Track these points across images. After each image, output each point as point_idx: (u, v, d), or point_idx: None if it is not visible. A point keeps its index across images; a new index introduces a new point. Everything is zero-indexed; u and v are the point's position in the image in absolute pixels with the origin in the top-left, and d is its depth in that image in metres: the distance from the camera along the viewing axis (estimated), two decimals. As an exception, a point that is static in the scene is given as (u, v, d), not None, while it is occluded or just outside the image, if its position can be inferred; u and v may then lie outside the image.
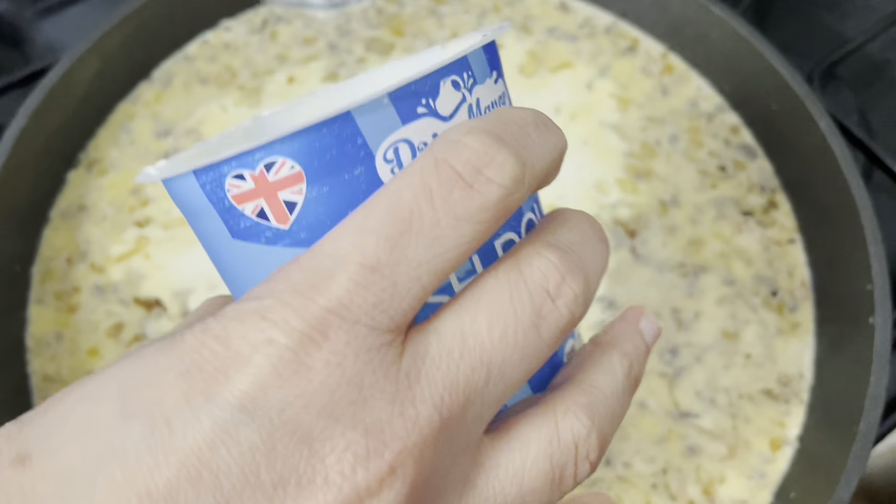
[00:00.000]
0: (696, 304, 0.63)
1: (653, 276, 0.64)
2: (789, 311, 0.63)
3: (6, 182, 0.61)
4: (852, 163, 0.61)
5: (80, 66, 0.66)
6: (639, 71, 0.73)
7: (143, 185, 0.66)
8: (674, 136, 0.70)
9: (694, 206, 0.67)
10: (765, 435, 0.59)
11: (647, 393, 0.60)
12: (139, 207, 0.66)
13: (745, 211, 0.67)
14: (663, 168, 0.68)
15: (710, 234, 0.66)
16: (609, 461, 0.58)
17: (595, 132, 0.70)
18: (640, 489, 0.57)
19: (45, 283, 0.64)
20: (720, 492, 0.57)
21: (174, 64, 0.73)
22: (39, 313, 0.62)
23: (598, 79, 0.72)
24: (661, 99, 0.72)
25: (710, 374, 0.61)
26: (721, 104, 0.72)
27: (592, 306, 0.62)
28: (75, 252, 0.65)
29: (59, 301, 0.63)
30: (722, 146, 0.70)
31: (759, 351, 0.62)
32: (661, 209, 0.67)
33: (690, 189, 0.67)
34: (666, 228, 0.66)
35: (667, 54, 0.74)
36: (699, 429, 0.59)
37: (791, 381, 0.61)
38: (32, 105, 0.63)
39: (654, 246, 0.65)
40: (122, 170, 0.68)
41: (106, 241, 0.65)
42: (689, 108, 0.72)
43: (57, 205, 0.66)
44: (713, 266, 0.64)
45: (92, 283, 0.63)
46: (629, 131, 0.70)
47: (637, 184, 0.67)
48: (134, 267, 0.64)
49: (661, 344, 0.62)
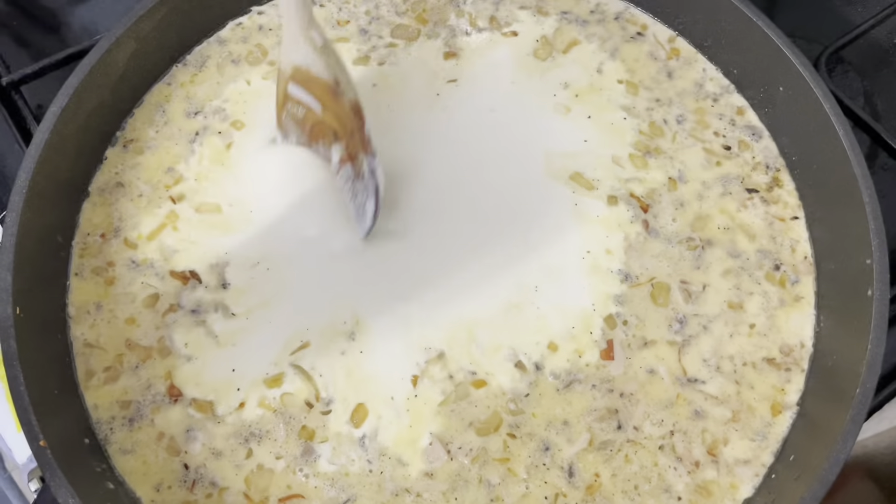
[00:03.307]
0: (704, 276, 0.66)
1: (663, 248, 0.67)
2: (791, 285, 0.66)
3: (49, 158, 0.64)
4: (855, 142, 0.63)
5: (118, 48, 0.68)
6: (646, 55, 0.76)
7: (177, 163, 0.71)
8: (681, 116, 0.73)
9: (701, 183, 0.70)
10: (767, 400, 0.62)
11: (656, 360, 0.63)
12: (173, 185, 0.70)
13: (749, 188, 0.70)
14: (669, 146, 0.71)
15: (716, 210, 0.69)
16: (620, 425, 0.61)
17: (605, 111, 0.73)
18: (648, 450, 0.60)
19: (82, 257, 0.67)
20: (725, 452, 0.60)
21: (208, 47, 0.76)
22: (79, 285, 0.66)
23: (608, 61, 0.75)
24: (668, 81, 0.74)
25: (717, 343, 0.64)
26: (727, 86, 0.74)
27: (610, 279, 0.66)
28: (109, 228, 0.68)
29: (96, 276, 0.66)
30: (728, 126, 0.72)
31: (762, 321, 0.65)
32: (672, 185, 0.70)
33: (697, 167, 0.70)
34: (675, 203, 0.69)
35: (675, 38, 0.77)
36: (705, 394, 0.62)
37: (792, 351, 0.64)
38: (74, 84, 0.65)
39: (664, 220, 0.68)
40: (157, 149, 0.71)
41: (139, 217, 0.69)
42: (695, 90, 0.74)
43: (96, 181, 0.70)
44: (719, 240, 0.67)
45: (127, 258, 0.67)
46: (637, 112, 0.73)
47: (647, 160, 0.70)
48: (166, 243, 0.67)
49: (670, 314, 0.65)
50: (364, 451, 0.60)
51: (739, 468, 0.60)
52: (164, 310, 0.65)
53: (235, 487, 0.59)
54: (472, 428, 0.61)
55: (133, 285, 0.66)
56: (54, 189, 0.65)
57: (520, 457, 0.60)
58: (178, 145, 0.72)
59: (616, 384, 0.62)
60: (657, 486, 0.59)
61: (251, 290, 0.66)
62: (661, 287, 0.66)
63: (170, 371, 0.63)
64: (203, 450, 0.60)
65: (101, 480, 0.58)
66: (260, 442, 0.60)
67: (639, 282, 0.66)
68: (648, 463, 0.60)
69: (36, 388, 0.56)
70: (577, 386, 0.62)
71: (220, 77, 0.75)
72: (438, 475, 0.59)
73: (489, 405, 0.62)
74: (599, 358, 0.63)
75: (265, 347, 0.63)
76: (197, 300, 0.65)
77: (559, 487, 0.59)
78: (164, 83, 0.74)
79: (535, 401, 0.62)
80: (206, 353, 0.63)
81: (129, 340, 0.64)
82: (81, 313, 0.65)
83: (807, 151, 0.69)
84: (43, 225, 0.63)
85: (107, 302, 0.65)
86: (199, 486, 0.59)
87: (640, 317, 0.64)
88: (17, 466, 0.72)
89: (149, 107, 0.73)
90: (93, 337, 0.64)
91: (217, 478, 0.60)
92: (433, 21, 0.77)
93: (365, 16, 0.77)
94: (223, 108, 0.73)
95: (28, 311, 0.59)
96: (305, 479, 0.59)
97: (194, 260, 0.67)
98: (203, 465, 0.60)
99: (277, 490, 0.59)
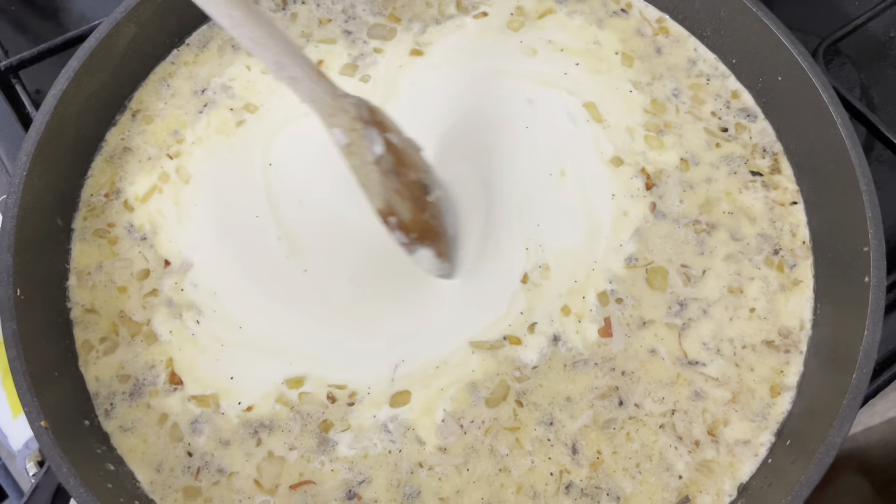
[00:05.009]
0: (706, 261, 0.67)
1: (670, 230, 0.68)
2: (789, 269, 0.67)
3: (49, 140, 0.64)
4: (853, 132, 0.64)
5: (118, 31, 0.68)
6: (633, 31, 0.77)
7: (184, 127, 0.71)
8: (676, 90, 0.74)
9: (709, 165, 0.70)
10: (766, 382, 0.63)
11: (656, 340, 0.64)
12: (175, 144, 0.70)
13: (753, 171, 0.70)
14: (674, 119, 0.72)
15: (721, 192, 0.69)
16: (622, 401, 0.62)
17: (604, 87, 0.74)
18: (649, 428, 0.61)
19: (87, 219, 0.67)
20: (725, 433, 0.61)
21: (209, 30, 0.76)
22: (82, 249, 0.66)
23: (597, 30, 0.76)
24: (657, 56, 0.75)
25: (717, 327, 0.64)
26: (717, 64, 0.75)
27: (616, 259, 0.67)
28: (112, 189, 0.69)
29: (98, 238, 0.67)
30: (723, 108, 0.73)
31: (762, 305, 0.65)
32: (683, 165, 0.70)
33: (701, 147, 0.71)
34: (683, 185, 0.70)
35: (663, 19, 0.77)
36: (706, 376, 0.63)
37: (791, 333, 0.65)
38: (74, 66, 0.65)
39: (670, 202, 0.69)
40: (166, 117, 0.72)
41: (138, 176, 0.69)
42: (687, 66, 0.75)
43: (97, 158, 0.70)
44: (724, 223, 0.68)
45: (126, 221, 0.67)
46: (641, 86, 0.74)
47: (660, 138, 0.71)
48: (153, 210, 0.68)
49: (669, 297, 0.65)
50: (388, 433, 0.60)
51: (739, 448, 0.61)
52: (147, 292, 0.65)
53: (245, 473, 0.59)
54: (483, 400, 0.61)
55: (131, 252, 0.66)
56: (54, 171, 0.65)
57: (528, 427, 0.61)
58: (187, 114, 0.72)
59: (617, 362, 0.63)
60: (658, 464, 0.60)
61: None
62: (659, 272, 0.66)
63: (171, 358, 0.63)
64: (209, 440, 0.60)
65: (102, 461, 0.58)
66: (271, 433, 0.61)
67: (637, 264, 0.66)
68: (649, 441, 0.61)
69: (37, 368, 0.56)
70: (580, 366, 0.63)
71: (220, 59, 0.75)
72: (452, 449, 0.60)
73: (497, 372, 0.62)
74: (598, 335, 0.64)
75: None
76: (171, 286, 0.65)
77: (563, 465, 0.60)
78: (167, 63, 0.74)
79: (542, 374, 0.62)
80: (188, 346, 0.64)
81: (123, 312, 0.64)
82: (83, 276, 0.65)
83: (805, 141, 0.69)
84: (43, 207, 0.63)
85: (108, 263, 0.66)
86: (205, 473, 0.59)
87: (636, 298, 0.65)
88: (13, 454, 0.72)
89: (153, 82, 0.74)
90: (91, 301, 0.64)
91: (224, 465, 0.60)
92: (407, 18, 0.77)
93: (342, 14, 0.77)
94: (229, 85, 0.73)
95: (28, 292, 0.59)
96: (321, 466, 0.60)
97: (169, 245, 0.67)
98: (209, 454, 0.60)
99: (289, 478, 0.59)
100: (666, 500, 0.59)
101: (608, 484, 0.59)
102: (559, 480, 0.59)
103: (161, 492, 0.59)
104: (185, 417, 0.61)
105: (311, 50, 0.75)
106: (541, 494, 0.59)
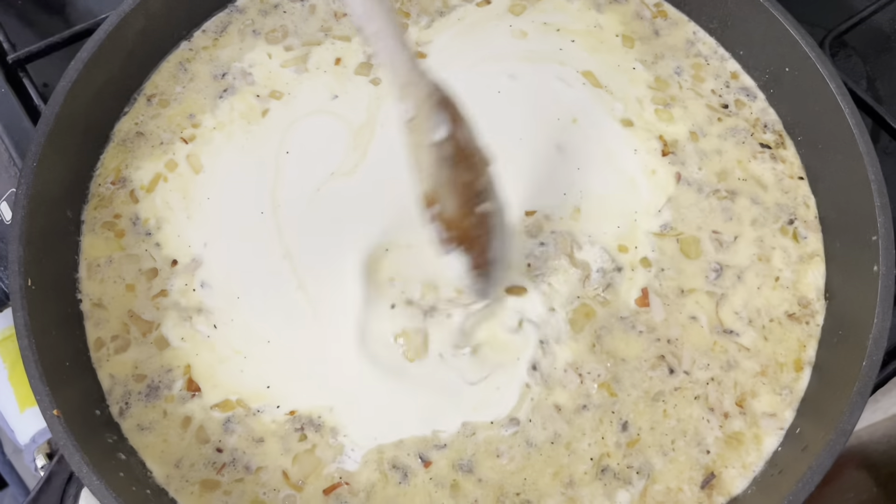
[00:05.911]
0: (735, 227, 0.68)
1: (695, 199, 0.69)
2: (802, 240, 0.67)
3: (59, 131, 0.63)
4: (861, 121, 0.64)
5: (126, 23, 0.68)
6: (633, 15, 0.78)
7: (202, 111, 0.71)
8: (679, 68, 0.74)
9: (712, 135, 0.71)
10: (791, 355, 0.63)
11: (697, 308, 0.64)
12: (189, 127, 0.70)
13: (762, 143, 0.71)
14: (679, 93, 0.73)
15: (733, 160, 0.70)
16: (672, 370, 0.62)
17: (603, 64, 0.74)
18: (687, 400, 0.61)
19: (96, 209, 0.67)
20: (752, 405, 0.61)
21: (227, 15, 0.76)
22: (91, 241, 0.66)
23: (597, 14, 0.77)
24: (656, 38, 0.76)
25: (748, 295, 0.65)
26: (724, 55, 0.76)
27: (653, 224, 0.68)
28: (118, 176, 0.68)
29: (106, 230, 0.66)
30: (723, 87, 0.74)
31: (787, 276, 0.66)
32: (692, 136, 0.71)
33: (704, 122, 0.72)
34: (698, 152, 0.70)
35: (661, 3, 0.78)
36: (739, 345, 0.63)
37: (810, 304, 0.65)
38: (84, 58, 0.65)
39: (691, 168, 0.70)
40: (183, 101, 0.72)
41: (146, 161, 0.69)
42: (686, 47, 0.76)
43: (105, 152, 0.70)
44: (742, 189, 0.69)
45: (132, 213, 0.67)
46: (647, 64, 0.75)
47: (668, 111, 0.72)
48: (159, 202, 0.67)
49: (705, 265, 0.66)
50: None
51: (765, 421, 0.61)
52: (156, 293, 0.64)
53: (274, 465, 0.59)
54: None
55: (138, 248, 0.66)
56: (64, 162, 0.65)
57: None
58: (205, 98, 0.72)
59: (660, 332, 0.64)
60: (692, 439, 0.60)
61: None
62: (691, 241, 0.67)
63: (189, 365, 0.62)
64: (241, 439, 0.60)
65: (113, 451, 0.57)
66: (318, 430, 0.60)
67: (670, 232, 0.67)
68: (685, 415, 0.61)
69: (48, 359, 0.56)
70: (629, 328, 0.64)
71: (241, 43, 0.75)
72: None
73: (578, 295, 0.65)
74: (635, 304, 0.64)
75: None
76: (180, 287, 0.65)
77: (608, 447, 0.60)
78: (184, 48, 0.75)
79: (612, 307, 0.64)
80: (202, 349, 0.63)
81: (132, 311, 0.63)
82: (92, 269, 0.65)
83: (812, 131, 0.70)
84: (53, 198, 0.63)
85: (116, 257, 0.65)
86: (230, 469, 0.59)
87: (674, 267, 0.66)
88: (19, 449, 0.72)
89: (170, 67, 0.74)
90: (100, 295, 0.64)
91: (253, 462, 0.59)
92: (415, 12, 0.77)
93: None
94: (249, 72, 0.73)
95: (38, 283, 0.59)
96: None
97: (175, 241, 0.66)
98: (240, 450, 0.59)
99: (320, 481, 0.59)
100: (693, 479, 0.59)
101: (639, 461, 0.59)
102: (598, 464, 0.60)
103: (177, 484, 0.58)
104: (213, 421, 0.60)
105: (328, 48, 0.75)
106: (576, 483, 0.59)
